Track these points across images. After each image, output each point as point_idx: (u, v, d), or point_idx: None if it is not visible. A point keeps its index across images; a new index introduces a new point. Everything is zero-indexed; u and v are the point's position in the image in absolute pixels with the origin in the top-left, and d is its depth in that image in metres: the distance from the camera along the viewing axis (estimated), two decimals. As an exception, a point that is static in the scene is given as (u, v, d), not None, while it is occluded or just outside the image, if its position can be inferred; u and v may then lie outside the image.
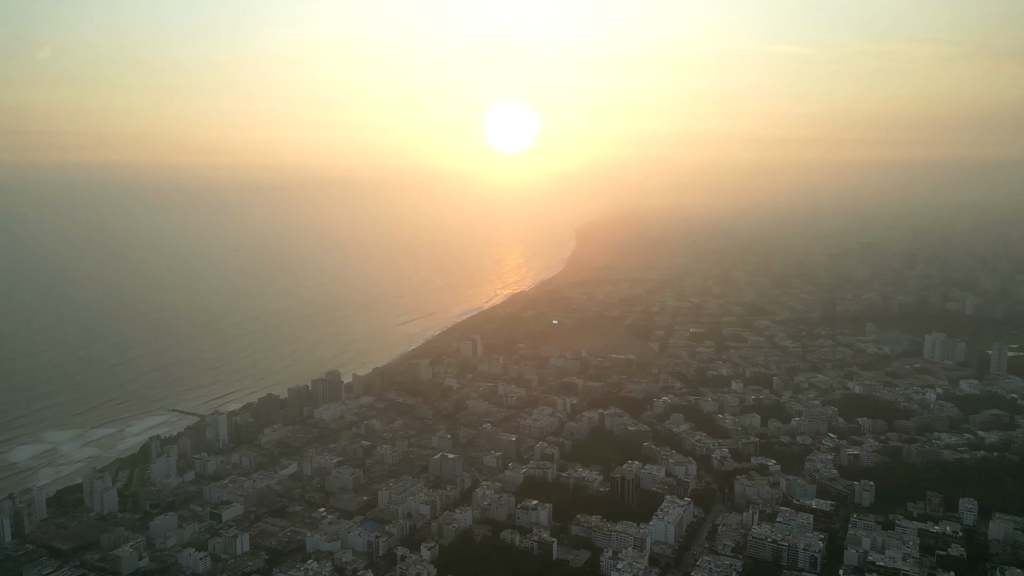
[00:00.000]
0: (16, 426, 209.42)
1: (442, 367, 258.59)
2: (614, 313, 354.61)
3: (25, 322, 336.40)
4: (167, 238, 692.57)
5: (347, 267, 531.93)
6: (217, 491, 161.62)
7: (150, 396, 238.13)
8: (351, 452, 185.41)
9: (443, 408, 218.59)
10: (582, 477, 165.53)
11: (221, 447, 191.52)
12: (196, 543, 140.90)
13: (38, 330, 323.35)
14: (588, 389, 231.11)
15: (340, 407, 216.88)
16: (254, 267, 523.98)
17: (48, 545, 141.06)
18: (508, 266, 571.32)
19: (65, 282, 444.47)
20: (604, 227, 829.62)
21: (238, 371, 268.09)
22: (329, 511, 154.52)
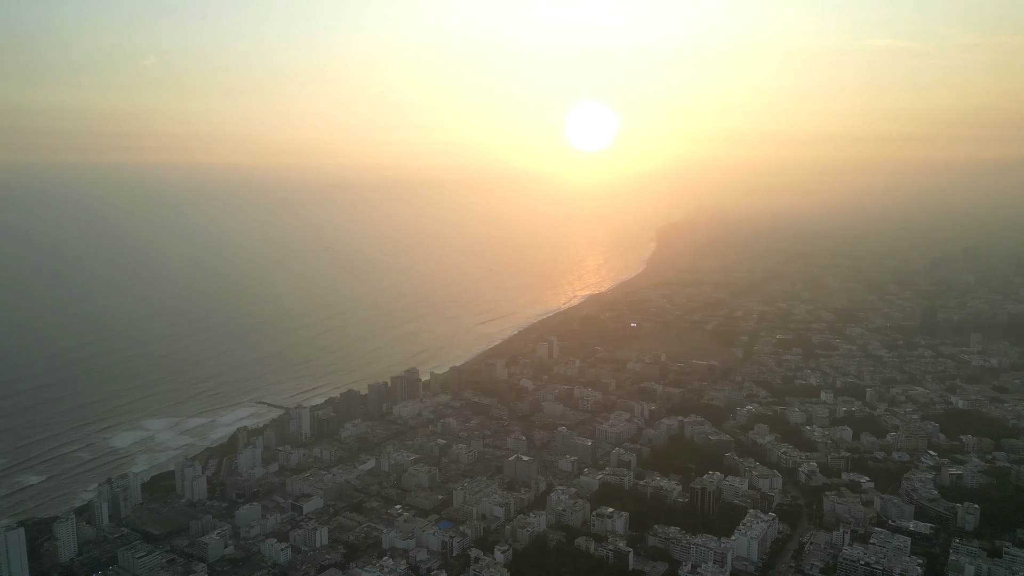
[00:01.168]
0: (120, 413, 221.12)
1: (518, 368, 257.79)
2: (695, 317, 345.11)
3: (128, 316, 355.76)
4: (260, 236, 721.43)
5: (427, 266, 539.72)
6: (299, 483, 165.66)
7: (240, 388, 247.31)
8: (427, 450, 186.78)
9: (518, 409, 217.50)
10: (660, 486, 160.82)
11: (303, 440, 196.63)
12: (278, 534, 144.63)
13: (141, 323, 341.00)
14: (667, 395, 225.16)
15: (418, 405, 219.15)
16: (341, 265, 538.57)
17: (141, 529, 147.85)
18: (587, 267, 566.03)
19: (164, 278, 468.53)
20: (685, 228, 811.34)
21: (322, 366, 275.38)
22: (405, 508, 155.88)
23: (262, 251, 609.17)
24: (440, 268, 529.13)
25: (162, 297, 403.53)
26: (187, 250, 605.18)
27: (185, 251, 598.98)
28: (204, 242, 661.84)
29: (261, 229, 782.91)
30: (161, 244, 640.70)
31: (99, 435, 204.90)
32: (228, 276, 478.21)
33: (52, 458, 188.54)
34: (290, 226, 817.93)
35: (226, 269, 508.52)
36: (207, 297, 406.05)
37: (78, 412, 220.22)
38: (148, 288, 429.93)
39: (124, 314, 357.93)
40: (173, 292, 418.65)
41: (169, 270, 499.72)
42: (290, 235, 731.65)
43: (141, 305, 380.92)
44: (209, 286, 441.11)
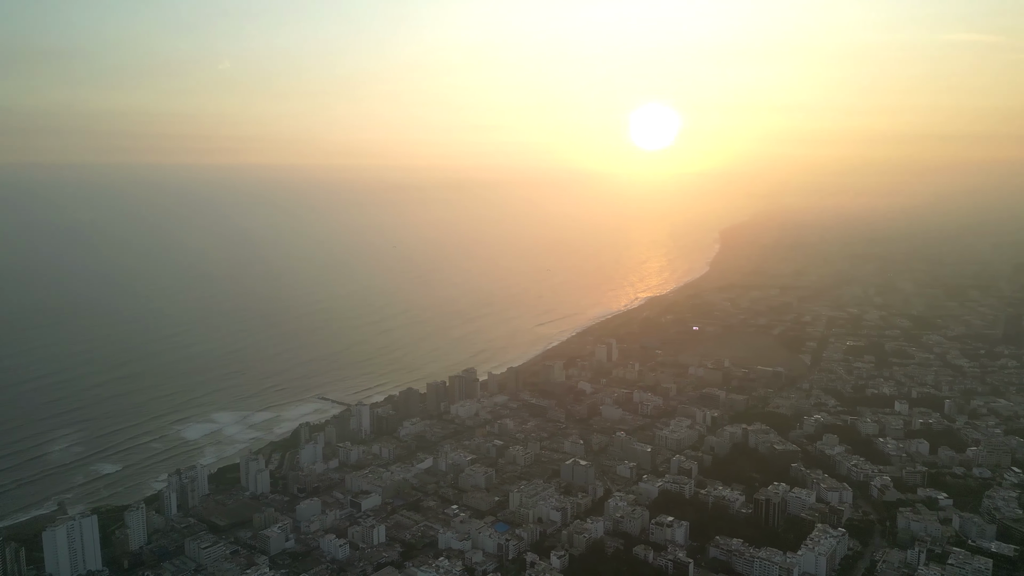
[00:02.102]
0: (192, 406, 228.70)
1: (576, 370, 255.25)
2: (761, 321, 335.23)
3: (202, 312, 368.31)
4: (326, 235, 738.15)
5: (488, 266, 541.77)
6: (358, 480, 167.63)
7: (304, 385, 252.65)
8: (484, 450, 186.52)
9: (576, 412, 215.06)
10: (722, 496, 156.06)
11: (363, 437, 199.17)
12: (337, 530, 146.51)
13: (213, 319, 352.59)
14: (730, 402, 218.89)
15: (475, 405, 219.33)
16: (404, 264, 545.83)
17: (207, 520, 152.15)
18: (649, 269, 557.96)
19: (237, 275, 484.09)
20: (751, 229, 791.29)
21: (383, 364, 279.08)
22: (461, 508, 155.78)
23: (327, 250, 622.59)
24: (501, 268, 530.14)
25: (234, 294, 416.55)
26: (257, 249, 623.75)
27: (255, 250, 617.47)
28: (273, 241, 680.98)
29: (327, 229, 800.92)
30: (233, 243, 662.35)
31: (172, 427, 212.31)
32: (295, 275, 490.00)
33: (128, 448, 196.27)
34: (353, 226, 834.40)
35: (293, 268, 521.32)
36: (276, 294, 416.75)
37: (154, 404, 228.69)
38: (221, 285, 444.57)
39: (198, 310, 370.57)
40: (244, 289, 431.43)
41: (240, 268, 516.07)
42: (354, 235, 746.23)
43: (214, 302, 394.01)
44: (278, 284, 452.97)
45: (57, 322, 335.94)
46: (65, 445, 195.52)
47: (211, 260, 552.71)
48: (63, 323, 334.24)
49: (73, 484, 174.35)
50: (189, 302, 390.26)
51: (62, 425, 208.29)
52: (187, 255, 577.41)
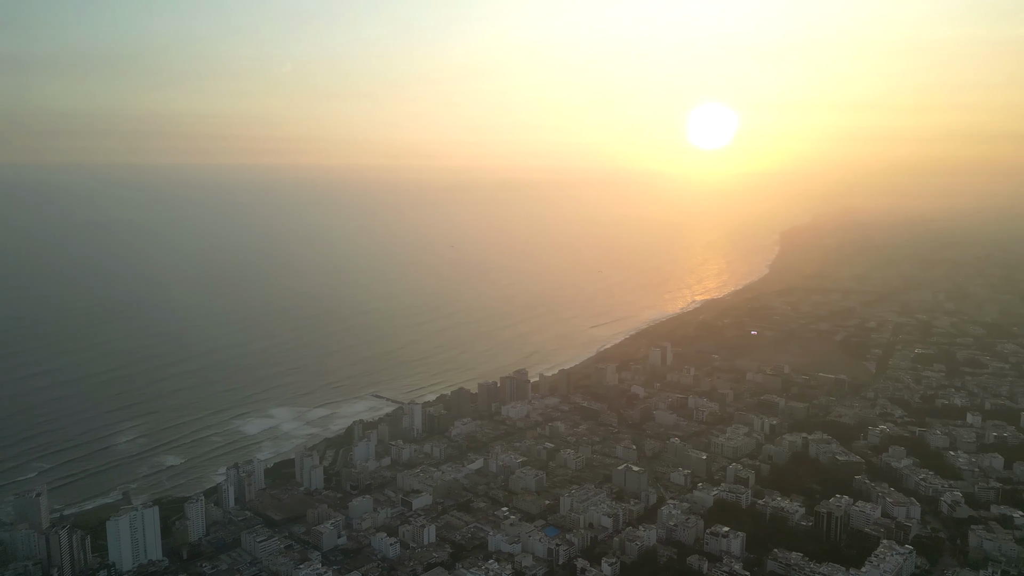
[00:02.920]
0: (252, 401, 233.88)
1: (629, 373, 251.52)
2: (823, 327, 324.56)
3: (264, 309, 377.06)
4: (382, 235, 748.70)
5: (544, 266, 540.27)
6: (409, 479, 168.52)
7: (360, 382, 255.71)
8: (535, 453, 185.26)
9: (629, 417, 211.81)
10: (781, 507, 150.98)
11: (415, 436, 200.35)
12: (388, 528, 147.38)
13: (275, 316, 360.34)
14: (790, 409, 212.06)
15: (526, 406, 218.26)
16: (460, 264, 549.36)
17: (263, 514, 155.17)
18: (707, 271, 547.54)
19: (297, 273, 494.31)
20: (812, 231, 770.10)
21: (436, 364, 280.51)
22: (511, 511, 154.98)
23: (385, 249, 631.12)
24: (555, 269, 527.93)
25: (292, 292, 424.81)
26: (315, 248, 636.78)
27: (313, 249, 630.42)
28: (331, 240, 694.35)
29: (383, 228, 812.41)
30: (292, 242, 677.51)
31: (232, 421, 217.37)
32: (353, 273, 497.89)
33: (191, 441, 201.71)
34: (410, 226, 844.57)
35: (350, 267, 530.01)
36: (333, 293, 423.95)
37: (216, 399, 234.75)
38: (280, 283, 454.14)
39: (258, 308, 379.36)
40: (302, 288, 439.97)
41: (299, 266, 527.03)
42: (410, 235, 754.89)
43: (273, 299, 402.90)
44: (335, 283, 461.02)
45: (125, 317, 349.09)
46: (131, 437, 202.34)
47: (271, 259, 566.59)
48: (131, 318, 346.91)
49: (138, 475, 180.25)
50: (250, 300, 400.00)
51: (129, 417, 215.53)
52: (248, 254, 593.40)
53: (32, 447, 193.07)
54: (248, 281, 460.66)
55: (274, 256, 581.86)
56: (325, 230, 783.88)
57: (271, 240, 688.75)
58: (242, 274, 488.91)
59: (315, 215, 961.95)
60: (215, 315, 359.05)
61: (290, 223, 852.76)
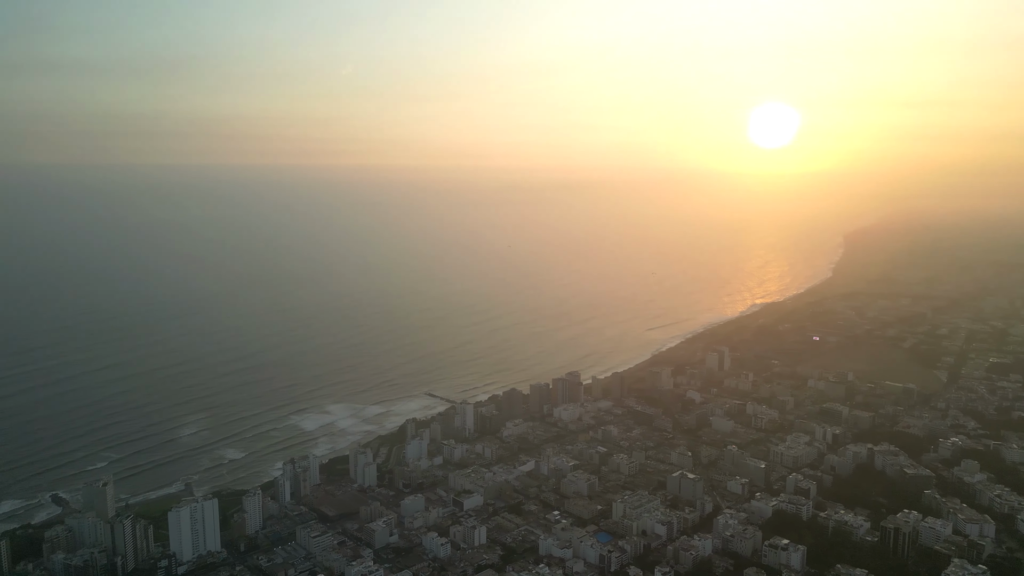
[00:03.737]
0: (310, 398, 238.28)
1: (684, 378, 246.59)
2: (890, 333, 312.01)
3: (323, 307, 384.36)
4: (442, 234, 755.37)
5: (600, 267, 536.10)
6: (461, 479, 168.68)
7: (414, 381, 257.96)
8: (587, 457, 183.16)
9: (684, 422, 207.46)
10: (844, 521, 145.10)
11: (467, 436, 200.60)
12: (439, 528, 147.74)
13: (335, 314, 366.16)
14: (854, 419, 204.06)
15: (578, 409, 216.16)
16: (516, 265, 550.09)
17: (317, 509, 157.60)
18: (768, 273, 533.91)
19: (356, 272, 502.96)
20: (877, 233, 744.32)
21: (490, 364, 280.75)
22: (563, 515, 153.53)
23: (442, 249, 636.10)
24: (612, 270, 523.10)
25: (352, 290, 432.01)
26: (374, 247, 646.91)
27: (370, 248, 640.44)
28: (389, 240, 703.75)
29: (441, 228, 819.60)
30: (349, 241, 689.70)
31: (291, 417, 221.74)
32: (411, 273, 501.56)
33: (251, 436, 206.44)
34: (467, 226, 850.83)
35: (407, 267, 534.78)
36: (391, 292, 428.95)
37: (276, 394, 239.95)
38: (341, 281, 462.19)
39: (319, 305, 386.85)
40: (362, 286, 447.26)
41: (357, 265, 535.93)
42: (468, 235, 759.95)
43: (335, 296, 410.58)
44: (394, 281, 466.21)
45: (191, 314, 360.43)
46: (194, 430, 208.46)
47: (328, 258, 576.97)
48: (196, 315, 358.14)
49: (200, 467, 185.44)
50: (309, 298, 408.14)
51: (193, 411, 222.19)
52: (306, 253, 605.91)
53: (102, 437, 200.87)
54: (307, 279, 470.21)
55: (332, 255, 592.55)
56: (382, 230, 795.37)
57: (329, 239, 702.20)
58: (301, 272, 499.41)
59: (371, 215, 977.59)
60: (276, 312, 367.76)
61: (347, 223, 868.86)
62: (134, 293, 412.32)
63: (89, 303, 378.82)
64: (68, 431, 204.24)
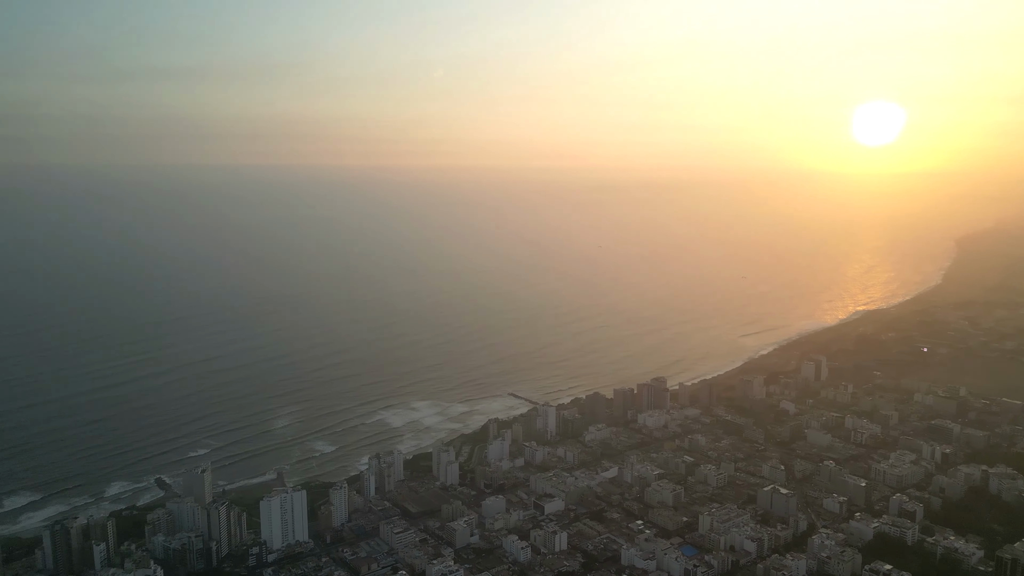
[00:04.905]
0: (398, 394, 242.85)
1: (778, 387, 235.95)
2: (1008, 346, 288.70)
3: (414, 304, 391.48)
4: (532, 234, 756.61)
5: (693, 269, 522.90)
6: (542, 482, 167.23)
7: (499, 381, 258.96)
8: (673, 466, 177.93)
9: (776, 434, 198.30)
10: (953, 548, 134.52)
11: (549, 438, 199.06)
12: (519, 531, 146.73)
13: (424, 312, 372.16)
14: (967, 438, 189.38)
15: (664, 416, 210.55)
16: (607, 265, 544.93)
17: (400, 505, 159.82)
18: (871, 278, 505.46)
19: (446, 271, 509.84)
20: (993, 237, 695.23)
21: (574, 366, 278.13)
22: (646, 525, 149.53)
23: (532, 250, 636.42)
24: (705, 273, 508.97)
25: (441, 289, 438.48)
26: (462, 247, 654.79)
27: (460, 248, 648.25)
28: (479, 240, 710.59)
29: (530, 229, 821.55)
30: (439, 241, 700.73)
31: (379, 412, 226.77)
32: (498, 273, 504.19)
33: (341, 430, 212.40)
34: (557, 226, 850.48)
35: (497, 267, 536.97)
36: (479, 291, 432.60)
37: (367, 389, 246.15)
38: (432, 280, 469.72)
39: (410, 302, 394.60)
40: (451, 285, 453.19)
41: (447, 264, 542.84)
42: (558, 235, 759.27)
43: (426, 294, 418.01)
44: (482, 281, 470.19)
45: (289, 309, 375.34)
46: (288, 422, 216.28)
47: (419, 256, 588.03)
48: (294, 310, 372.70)
49: (291, 458, 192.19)
50: (400, 295, 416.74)
51: (288, 403, 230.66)
52: (398, 251, 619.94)
53: (204, 426, 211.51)
54: (399, 277, 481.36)
55: (422, 254, 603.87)
56: (472, 230, 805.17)
57: (420, 238, 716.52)
58: (393, 270, 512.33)
59: (462, 215, 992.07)
60: (368, 309, 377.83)
61: (437, 223, 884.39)
62: (240, 287, 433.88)
63: (197, 296, 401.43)
64: (174, 418, 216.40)
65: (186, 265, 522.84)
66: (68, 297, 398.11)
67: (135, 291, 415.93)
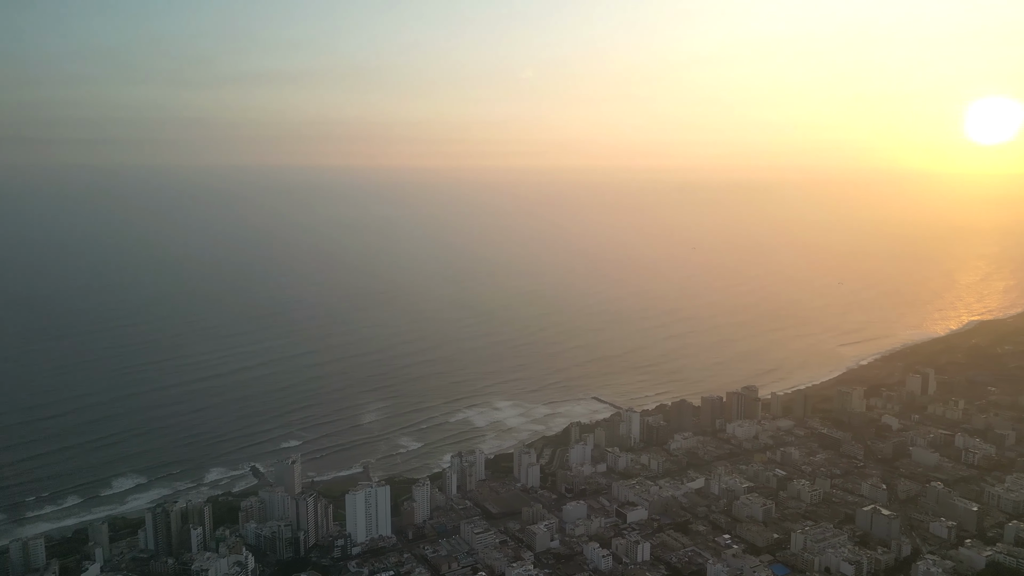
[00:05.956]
0: (483, 393, 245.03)
1: (880, 400, 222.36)
2: None
3: (500, 302, 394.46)
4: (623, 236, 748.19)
5: (788, 274, 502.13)
6: (625, 490, 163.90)
7: (582, 384, 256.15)
8: (763, 479, 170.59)
9: (878, 450, 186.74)
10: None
11: (632, 445, 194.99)
12: (600, 538, 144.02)
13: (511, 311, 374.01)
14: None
15: (754, 426, 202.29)
16: (697, 267, 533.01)
17: (481, 505, 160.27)
18: (987, 287, 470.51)
19: (530, 271, 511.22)
20: None
21: (659, 372, 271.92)
22: (734, 540, 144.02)
23: (622, 251, 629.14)
24: (802, 277, 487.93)
25: (526, 289, 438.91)
26: (549, 247, 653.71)
27: (547, 248, 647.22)
28: (566, 240, 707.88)
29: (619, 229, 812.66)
30: (526, 241, 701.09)
31: (464, 411, 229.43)
32: (586, 274, 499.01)
33: (426, 427, 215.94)
34: (644, 227, 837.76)
35: (585, 267, 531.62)
36: (565, 292, 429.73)
37: (452, 387, 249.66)
38: (517, 279, 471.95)
39: (497, 302, 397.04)
40: (537, 285, 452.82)
41: (535, 265, 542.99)
42: (646, 236, 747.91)
43: (512, 294, 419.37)
44: (569, 282, 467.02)
45: (380, 305, 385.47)
46: (376, 417, 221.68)
47: (507, 256, 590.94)
48: (385, 306, 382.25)
49: (377, 453, 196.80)
50: (488, 294, 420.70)
51: (377, 399, 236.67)
52: (485, 251, 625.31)
53: (297, 418, 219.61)
54: (487, 276, 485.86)
55: (510, 254, 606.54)
56: (559, 230, 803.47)
57: (506, 238, 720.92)
58: (482, 269, 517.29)
59: (548, 215, 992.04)
60: (457, 308, 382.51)
61: (523, 222, 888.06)
62: (334, 283, 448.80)
63: (294, 293, 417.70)
64: (270, 409, 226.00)
65: (290, 261, 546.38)
66: (179, 290, 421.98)
67: (240, 287, 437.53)
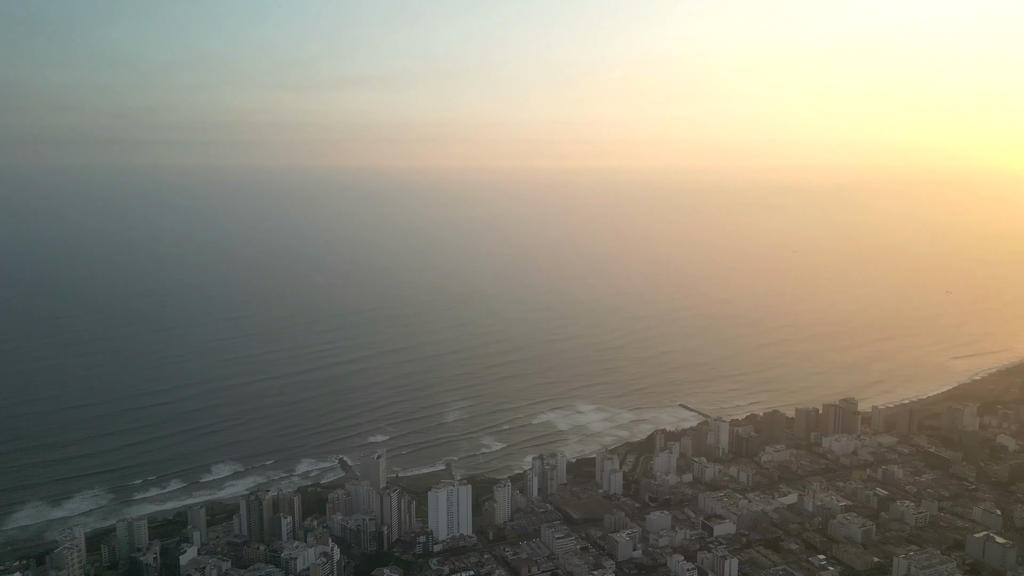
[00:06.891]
0: (567, 396, 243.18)
1: (994, 419, 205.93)
2: None
3: (589, 305, 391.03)
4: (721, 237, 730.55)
5: (894, 281, 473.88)
6: (711, 502, 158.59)
7: (669, 390, 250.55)
8: (862, 498, 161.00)
9: (992, 472, 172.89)
10: None
11: (720, 455, 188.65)
12: (685, 551, 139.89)
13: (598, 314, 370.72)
14: None
15: (853, 441, 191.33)
16: (800, 271, 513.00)
17: (562, 509, 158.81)
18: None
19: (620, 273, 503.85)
20: None
21: (752, 381, 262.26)
22: (830, 561, 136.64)
23: (718, 253, 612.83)
24: (908, 285, 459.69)
25: (619, 291, 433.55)
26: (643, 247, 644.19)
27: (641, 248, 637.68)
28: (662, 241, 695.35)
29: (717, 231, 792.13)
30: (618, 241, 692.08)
31: (547, 413, 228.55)
32: (681, 277, 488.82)
33: (509, 428, 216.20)
34: (742, 228, 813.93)
35: (679, 270, 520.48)
36: (657, 295, 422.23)
37: (536, 389, 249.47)
38: (607, 281, 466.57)
39: (584, 304, 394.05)
40: (628, 287, 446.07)
41: (625, 266, 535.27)
42: (744, 237, 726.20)
43: (601, 297, 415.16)
44: (660, 284, 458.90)
45: (467, 304, 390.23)
46: (460, 416, 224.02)
47: (597, 257, 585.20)
48: (472, 306, 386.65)
49: (460, 452, 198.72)
50: (579, 296, 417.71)
51: (462, 397, 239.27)
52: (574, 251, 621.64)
53: (386, 414, 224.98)
54: (575, 278, 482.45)
55: (600, 255, 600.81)
56: (653, 231, 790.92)
57: (597, 239, 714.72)
58: (570, 270, 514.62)
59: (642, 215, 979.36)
60: (544, 308, 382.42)
61: (615, 222, 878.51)
62: (423, 282, 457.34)
63: (383, 291, 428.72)
64: (360, 403, 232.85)
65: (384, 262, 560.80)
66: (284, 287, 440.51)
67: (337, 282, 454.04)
